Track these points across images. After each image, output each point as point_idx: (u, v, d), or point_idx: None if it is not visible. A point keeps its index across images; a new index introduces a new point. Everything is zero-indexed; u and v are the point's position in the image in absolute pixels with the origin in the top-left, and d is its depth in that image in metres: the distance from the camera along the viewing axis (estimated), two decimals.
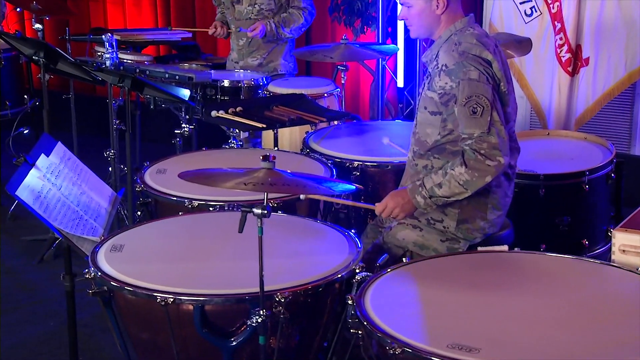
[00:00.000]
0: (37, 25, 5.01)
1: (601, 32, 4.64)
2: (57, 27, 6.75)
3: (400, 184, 3.04)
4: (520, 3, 4.80)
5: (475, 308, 2.26)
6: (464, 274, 2.49)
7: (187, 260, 2.56)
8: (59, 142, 3.03)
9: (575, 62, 4.73)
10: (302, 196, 2.76)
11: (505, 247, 2.70)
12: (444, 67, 2.77)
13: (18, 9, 5.98)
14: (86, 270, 2.49)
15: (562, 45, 4.71)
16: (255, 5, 4.76)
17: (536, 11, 4.78)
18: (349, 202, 3.08)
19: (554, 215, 3.49)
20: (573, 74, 4.75)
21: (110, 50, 4.01)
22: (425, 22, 2.85)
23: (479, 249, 2.72)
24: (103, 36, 4.17)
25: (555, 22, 4.72)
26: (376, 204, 2.86)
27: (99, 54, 4.95)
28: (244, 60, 4.89)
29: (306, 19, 4.82)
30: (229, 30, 4.97)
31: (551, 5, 4.72)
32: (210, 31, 4.98)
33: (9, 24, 6.57)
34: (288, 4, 4.80)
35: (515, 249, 2.70)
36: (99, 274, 2.45)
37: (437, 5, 2.81)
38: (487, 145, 2.68)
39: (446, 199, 2.76)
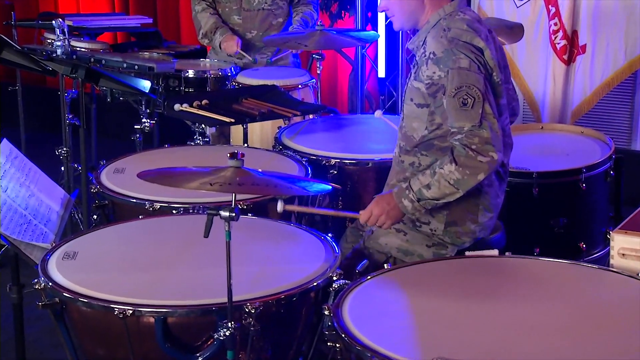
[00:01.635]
0: None
1: (599, 16, 4.68)
2: (1, 12, 6.70)
3: (387, 182, 3.05)
4: None
5: (463, 318, 2.27)
6: (451, 281, 2.50)
7: (147, 269, 2.55)
8: (5, 139, 3.01)
9: (571, 49, 4.77)
10: (279, 208, 2.74)
11: (495, 252, 2.72)
12: (431, 55, 2.78)
13: None
14: (35, 280, 2.47)
15: (557, 31, 4.75)
16: None
17: None
18: (331, 212, 3.08)
19: (549, 217, 3.52)
20: (569, 62, 4.80)
21: (61, 38, 3.99)
22: (407, 10, 2.85)
23: (467, 253, 2.74)
24: (53, 21, 4.15)
25: (550, 6, 4.76)
26: (360, 212, 2.87)
27: (48, 41, 4.92)
28: (253, 55, 4.78)
29: (317, 10, 4.86)
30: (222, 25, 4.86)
31: None
32: (234, 50, 4.68)
33: None
34: None
35: (507, 253, 2.72)
36: (50, 284, 2.43)
37: None
38: (479, 139, 2.69)
39: (436, 202, 2.76)
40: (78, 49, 4.69)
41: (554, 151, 3.81)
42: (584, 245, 3.59)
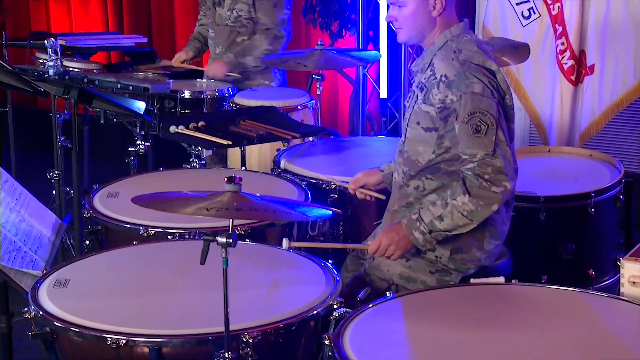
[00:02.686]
0: None
1: (607, 36, 4.70)
2: None
3: (387, 208, 3.06)
4: (517, 4, 4.87)
5: (468, 347, 2.27)
6: (456, 309, 2.50)
7: (141, 296, 2.55)
8: None
9: (578, 69, 4.79)
10: (284, 246, 2.74)
11: (501, 279, 2.72)
12: (443, 78, 2.79)
13: None
14: (26, 309, 2.47)
15: (564, 51, 4.78)
16: (234, 11, 4.75)
17: (534, 13, 4.85)
18: (339, 245, 3.12)
19: (556, 243, 3.52)
20: (576, 83, 4.81)
21: (53, 57, 4.01)
22: (418, 25, 2.87)
23: (472, 280, 2.74)
24: (45, 41, 4.17)
25: (556, 25, 4.79)
26: (369, 243, 2.88)
27: (40, 61, 4.94)
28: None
29: (271, 42, 4.72)
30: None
31: (551, 7, 4.78)
32: (176, 62, 4.89)
33: None
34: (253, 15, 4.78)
35: (513, 280, 2.72)
36: (41, 312, 2.43)
37: (433, 6, 2.83)
38: (492, 169, 2.71)
39: (448, 233, 2.78)
40: (71, 69, 4.71)
41: (561, 175, 3.81)
42: (593, 272, 3.58)
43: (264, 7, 4.72)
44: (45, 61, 4.32)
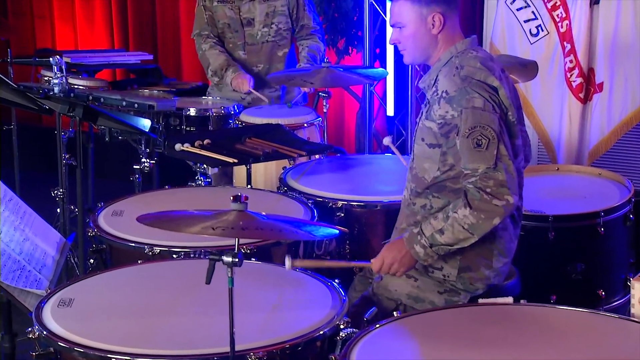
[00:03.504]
0: None
1: (616, 53, 4.71)
2: None
3: (395, 226, 3.06)
4: (525, 21, 4.88)
5: None
6: (464, 330, 2.50)
7: (146, 316, 2.56)
8: None
9: (587, 87, 4.79)
10: (287, 266, 2.74)
11: (510, 299, 2.71)
12: (444, 94, 2.80)
13: None
14: (29, 328, 2.47)
15: (573, 68, 4.78)
16: (272, 26, 4.77)
17: (543, 30, 4.85)
18: (343, 263, 3.12)
19: (566, 262, 3.51)
20: (585, 100, 4.81)
21: (58, 75, 4.03)
22: (420, 44, 2.88)
23: (480, 301, 2.73)
24: (50, 59, 4.19)
25: (565, 43, 4.79)
26: (372, 260, 2.87)
27: (45, 79, 4.96)
28: (261, 90, 4.78)
29: (323, 40, 4.95)
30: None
31: (560, 24, 4.79)
32: (246, 89, 4.73)
33: None
34: (297, 22, 4.85)
35: (522, 301, 2.71)
36: (45, 332, 2.43)
37: (432, 24, 2.85)
38: (494, 182, 2.71)
39: (449, 247, 2.77)
40: (76, 86, 4.73)
41: (570, 194, 3.81)
42: (603, 293, 3.57)
43: (307, 11, 4.84)
44: (50, 79, 4.34)
